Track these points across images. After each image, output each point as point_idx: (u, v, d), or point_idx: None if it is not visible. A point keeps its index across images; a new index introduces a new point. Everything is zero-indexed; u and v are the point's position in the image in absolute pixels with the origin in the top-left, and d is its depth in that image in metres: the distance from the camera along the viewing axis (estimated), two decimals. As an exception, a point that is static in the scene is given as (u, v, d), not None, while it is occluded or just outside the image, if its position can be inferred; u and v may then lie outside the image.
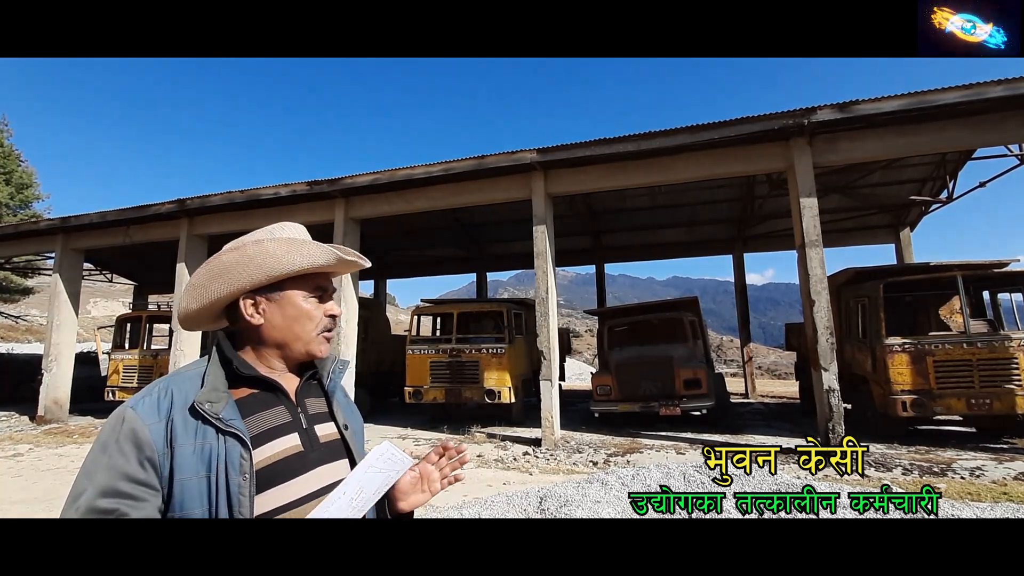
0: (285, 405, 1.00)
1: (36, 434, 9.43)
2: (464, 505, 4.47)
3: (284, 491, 0.92)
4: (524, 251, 12.77)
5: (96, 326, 22.92)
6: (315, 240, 1.08)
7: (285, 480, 0.92)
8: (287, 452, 0.95)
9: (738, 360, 21.53)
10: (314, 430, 1.01)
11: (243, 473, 0.87)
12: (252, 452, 0.89)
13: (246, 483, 0.87)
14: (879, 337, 6.98)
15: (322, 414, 1.06)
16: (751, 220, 13.10)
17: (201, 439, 0.87)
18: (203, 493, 0.86)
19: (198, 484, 0.85)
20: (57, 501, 5.14)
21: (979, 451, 6.32)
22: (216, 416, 0.88)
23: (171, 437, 0.86)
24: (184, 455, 0.86)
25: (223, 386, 0.94)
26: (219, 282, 0.99)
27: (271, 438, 0.94)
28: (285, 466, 0.93)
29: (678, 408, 7.91)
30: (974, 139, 6.77)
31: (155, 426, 0.86)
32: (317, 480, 0.96)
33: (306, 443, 0.98)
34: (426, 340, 10.11)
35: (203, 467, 0.86)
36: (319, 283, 1.04)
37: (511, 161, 7.90)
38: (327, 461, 1.00)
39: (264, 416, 0.96)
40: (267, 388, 1.00)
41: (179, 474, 0.85)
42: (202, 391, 0.91)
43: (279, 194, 9.22)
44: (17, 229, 12.21)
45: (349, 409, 1.13)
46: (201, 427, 0.88)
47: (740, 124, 6.93)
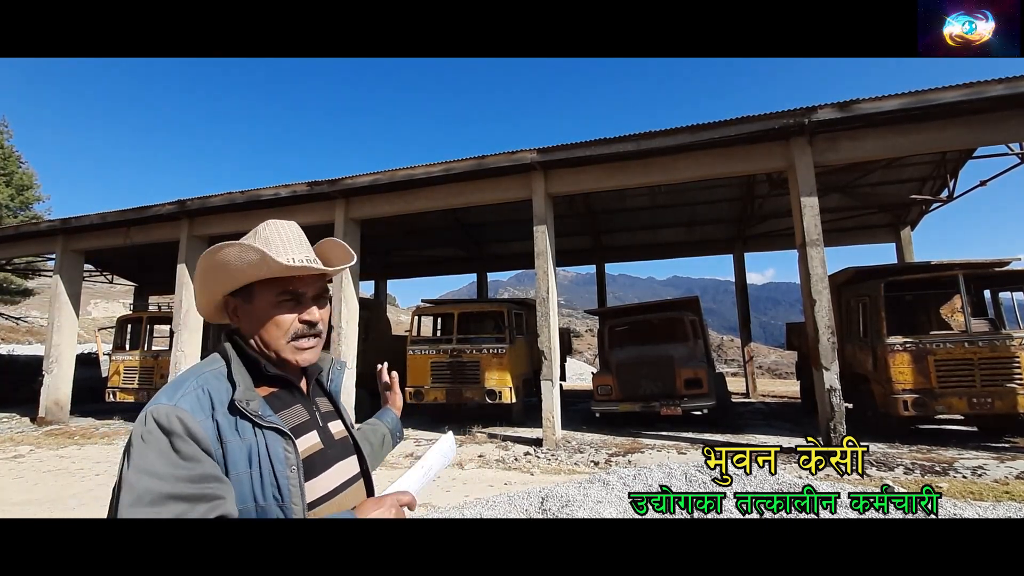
0: (303, 404, 1.04)
1: (37, 435, 9.44)
2: (465, 505, 4.47)
3: (318, 483, 0.96)
4: (524, 251, 12.77)
5: (97, 327, 22.91)
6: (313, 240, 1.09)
7: (318, 473, 0.97)
8: (312, 449, 0.99)
9: (739, 360, 21.53)
10: (328, 428, 1.06)
11: (290, 466, 0.90)
12: (293, 445, 0.92)
13: (294, 474, 0.89)
14: (880, 336, 6.97)
15: (330, 413, 1.11)
16: (751, 219, 13.09)
17: (243, 436, 0.89)
18: (252, 487, 0.87)
19: (248, 479, 0.87)
20: (59, 502, 5.16)
21: (981, 450, 6.31)
22: (256, 413, 0.90)
23: (219, 434, 0.87)
24: (233, 450, 0.87)
25: (251, 384, 0.96)
26: (200, 284, 1.02)
27: (298, 435, 0.96)
28: (311, 463, 0.96)
29: (679, 408, 7.91)
30: (975, 138, 6.76)
31: (204, 423, 0.86)
32: (337, 476, 1.01)
33: (325, 440, 1.02)
34: (427, 340, 10.10)
35: (246, 463, 0.88)
36: (289, 288, 0.99)
37: (511, 161, 7.90)
38: (342, 458, 1.05)
39: (287, 414, 0.98)
40: (285, 387, 1.03)
41: (233, 469, 0.86)
42: (240, 390, 0.92)
43: (279, 195, 9.23)
44: (17, 230, 12.21)
45: (349, 407, 1.17)
46: (241, 423, 0.89)
47: (740, 123, 6.92)
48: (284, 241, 1.00)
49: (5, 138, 20.67)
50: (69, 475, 6.44)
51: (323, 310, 1.05)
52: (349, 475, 1.04)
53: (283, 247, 0.99)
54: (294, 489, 0.88)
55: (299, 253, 1.00)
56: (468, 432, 8.43)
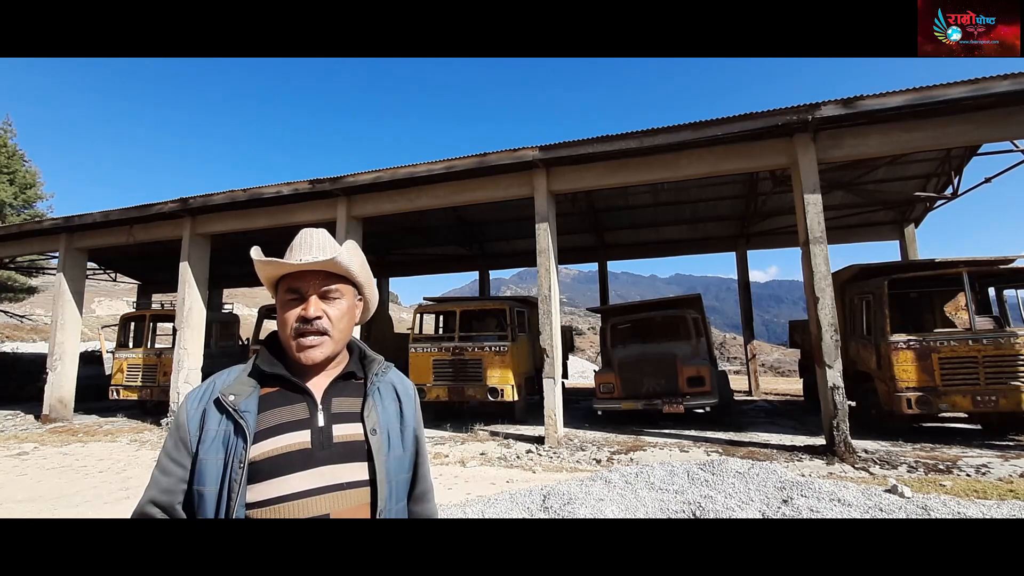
0: (306, 403, 1.04)
1: (41, 433, 9.48)
2: (468, 503, 4.46)
3: (282, 483, 0.95)
4: (527, 249, 12.76)
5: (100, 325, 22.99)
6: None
7: (285, 474, 0.96)
8: (292, 447, 0.98)
9: (741, 358, 21.49)
10: (331, 429, 1.03)
11: (240, 461, 0.95)
12: (250, 444, 0.96)
13: (240, 471, 0.94)
14: (884, 334, 6.94)
15: (350, 414, 1.06)
16: (754, 217, 13.04)
17: (224, 426, 0.99)
18: (219, 473, 0.95)
19: (215, 464, 0.96)
20: (62, 499, 5.18)
21: (985, 448, 6.29)
22: (234, 407, 0.99)
23: (203, 421, 1.00)
24: (208, 437, 0.98)
25: (254, 380, 1.04)
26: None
27: (279, 432, 0.99)
28: (287, 460, 0.97)
29: (681, 406, 7.90)
30: (979, 134, 6.71)
31: (193, 412, 1.01)
32: (321, 477, 0.98)
33: (316, 441, 1.00)
34: (429, 338, 10.10)
35: (222, 450, 0.97)
36: (292, 286, 1.06)
37: (513, 159, 7.88)
38: (337, 461, 1.01)
39: (279, 411, 1.01)
40: (288, 385, 1.05)
41: (201, 453, 0.97)
42: (228, 384, 1.03)
43: (281, 193, 9.22)
44: (21, 229, 12.23)
45: (390, 413, 1.12)
46: (225, 415, 0.99)
47: (744, 120, 6.89)
48: (299, 245, 1.08)
49: (9, 137, 20.73)
50: (73, 472, 6.46)
51: (330, 306, 1.06)
52: (341, 480, 0.99)
53: (295, 251, 1.07)
54: (236, 484, 0.93)
55: (308, 255, 1.05)
56: (470, 430, 8.43)
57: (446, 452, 6.95)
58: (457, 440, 7.78)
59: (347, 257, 1.08)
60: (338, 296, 1.08)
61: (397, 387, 1.18)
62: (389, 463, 1.06)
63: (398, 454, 1.10)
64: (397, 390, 1.17)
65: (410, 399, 1.18)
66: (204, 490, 0.95)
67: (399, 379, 1.20)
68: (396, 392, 1.17)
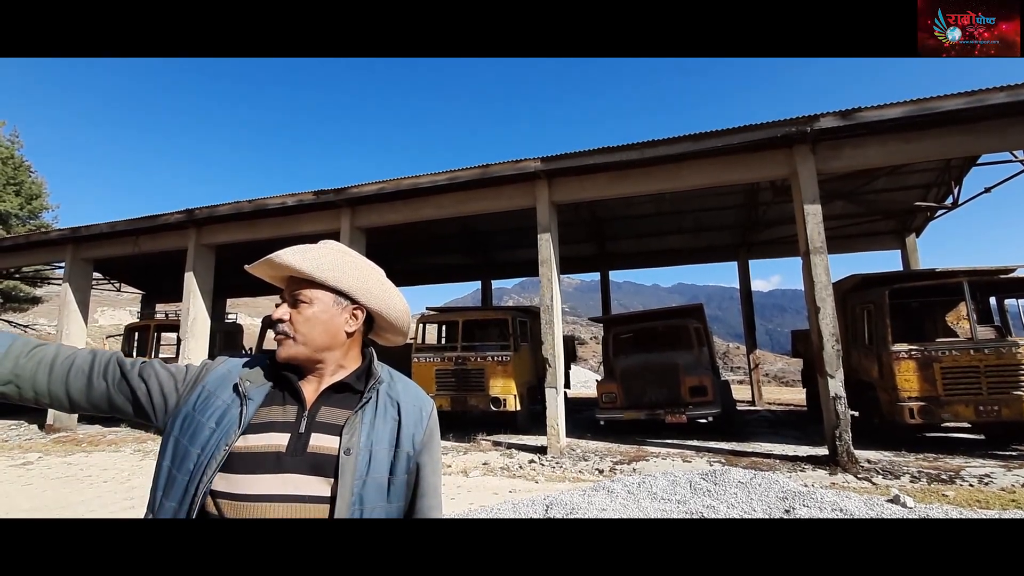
0: (297, 406, 1.02)
1: (45, 442, 9.51)
2: (470, 513, 4.48)
3: (250, 481, 0.93)
4: (529, 259, 12.79)
5: (104, 335, 23.05)
6: None
7: (255, 472, 0.94)
8: (267, 448, 0.96)
9: (744, 367, 21.43)
10: (309, 437, 0.98)
11: (226, 444, 0.95)
12: (239, 431, 0.97)
13: (223, 453, 0.94)
14: (885, 343, 6.95)
15: (332, 426, 1.00)
16: (756, 227, 13.08)
17: (229, 403, 1.00)
18: (204, 442, 0.96)
19: (208, 430, 0.97)
20: (68, 509, 5.20)
21: (987, 458, 6.27)
22: (244, 394, 1.01)
23: (219, 385, 1.03)
24: (214, 403, 1.01)
25: (267, 374, 1.07)
26: None
27: (266, 430, 0.98)
28: (259, 460, 0.95)
29: (684, 416, 7.89)
30: (977, 145, 6.76)
31: (216, 371, 1.07)
32: (283, 485, 0.93)
33: (291, 447, 0.96)
34: (431, 348, 10.14)
35: (214, 424, 0.98)
36: (282, 290, 1.13)
37: (515, 170, 7.96)
38: (302, 472, 0.95)
39: (276, 410, 1.02)
40: (285, 386, 1.06)
41: (199, 414, 0.99)
42: (249, 370, 1.07)
43: (286, 204, 9.31)
44: (28, 239, 12.35)
45: (382, 433, 1.03)
46: (236, 395, 1.02)
47: (743, 132, 6.96)
48: (319, 248, 1.13)
49: (16, 148, 20.94)
50: (77, 482, 6.49)
51: (296, 311, 1.06)
52: (302, 491, 0.93)
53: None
54: (213, 463, 0.93)
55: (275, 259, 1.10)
56: (473, 439, 8.43)
57: (448, 462, 6.96)
58: (460, 450, 7.78)
59: (288, 257, 1.05)
60: (305, 301, 1.06)
61: (401, 404, 1.08)
62: (366, 487, 0.96)
63: (380, 481, 0.99)
64: (400, 408, 1.07)
65: (413, 420, 1.07)
66: (191, 450, 0.95)
67: (406, 394, 1.11)
68: (398, 409, 1.07)
